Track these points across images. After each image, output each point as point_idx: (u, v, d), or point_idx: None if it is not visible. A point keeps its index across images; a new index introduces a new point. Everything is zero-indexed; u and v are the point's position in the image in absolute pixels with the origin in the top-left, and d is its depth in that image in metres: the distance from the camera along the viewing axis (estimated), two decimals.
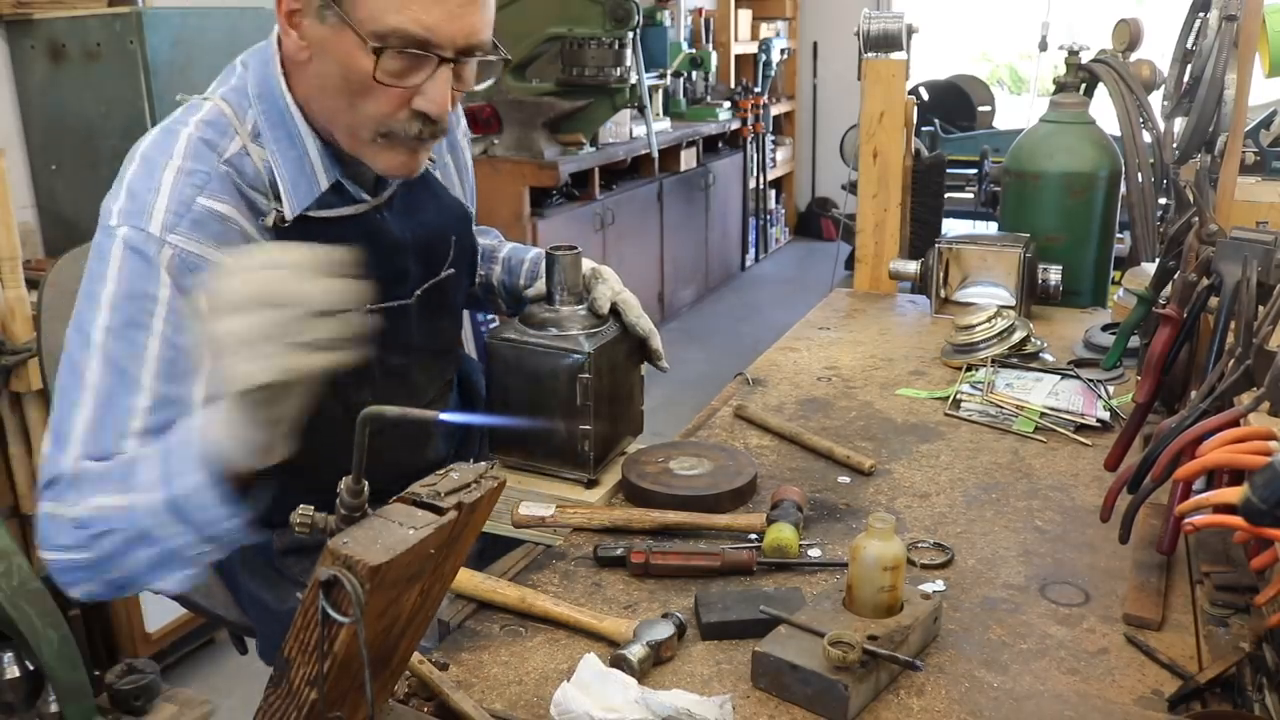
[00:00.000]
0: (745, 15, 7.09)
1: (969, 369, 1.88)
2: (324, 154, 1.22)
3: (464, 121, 1.62)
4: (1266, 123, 2.51)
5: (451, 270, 1.44)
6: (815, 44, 7.61)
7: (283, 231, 1.19)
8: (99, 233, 1.17)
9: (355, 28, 1.10)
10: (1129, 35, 2.36)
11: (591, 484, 1.42)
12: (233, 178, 1.17)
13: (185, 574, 1.08)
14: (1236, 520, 0.90)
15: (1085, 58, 2.37)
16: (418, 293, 1.38)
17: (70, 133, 2.74)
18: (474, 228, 1.61)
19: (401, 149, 1.19)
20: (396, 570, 0.74)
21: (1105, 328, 1.98)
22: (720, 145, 6.48)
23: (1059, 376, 1.81)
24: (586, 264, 1.45)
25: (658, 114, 5.53)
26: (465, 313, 1.73)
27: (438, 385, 1.52)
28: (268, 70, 1.21)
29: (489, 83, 1.23)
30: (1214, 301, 1.37)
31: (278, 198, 1.19)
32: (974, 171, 4.28)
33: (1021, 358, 1.89)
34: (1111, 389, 1.77)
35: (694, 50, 6.13)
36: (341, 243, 0.97)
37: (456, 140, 1.58)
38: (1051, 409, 1.68)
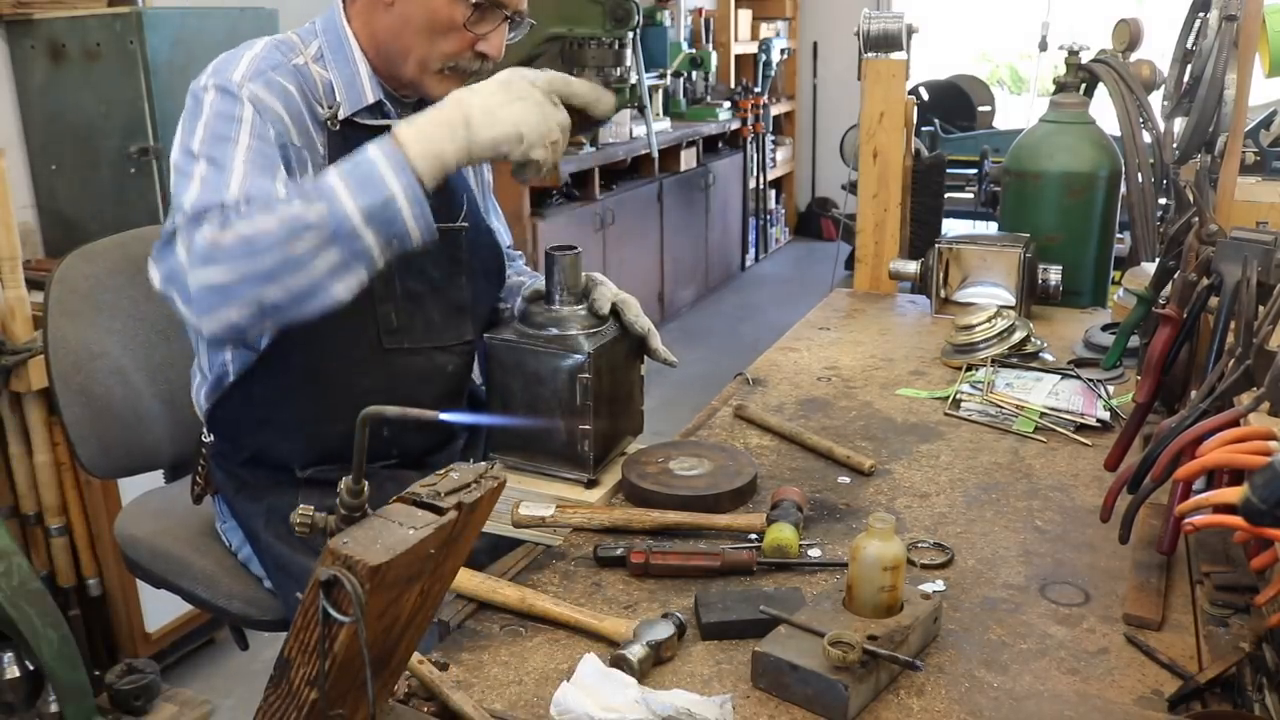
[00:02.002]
0: (745, 15, 7.09)
1: (969, 369, 1.88)
2: (372, 76, 1.46)
3: None
4: (1266, 123, 2.52)
5: (465, 225, 1.57)
6: (815, 44, 7.61)
7: (333, 133, 1.42)
8: (189, 99, 1.39)
9: None
10: (1129, 35, 2.36)
11: (591, 484, 1.42)
12: (297, 76, 1.42)
13: (359, 280, 1.23)
14: (1236, 520, 0.90)
15: (1085, 58, 2.37)
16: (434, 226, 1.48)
17: (70, 133, 2.74)
18: (496, 220, 1.76)
19: (455, 80, 1.44)
20: (396, 570, 0.74)
21: (1105, 328, 1.99)
22: (720, 145, 6.48)
23: (1059, 376, 1.81)
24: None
25: (658, 114, 5.53)
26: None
27: (452, 357, 1.57)
28: (333, 14, 1.48)
29: (520, 33, 1.56)
30: (1214, 301, 1.37)
31: (332, 106, 1.43)
32: (974, 171, 4.28)
33: (1021, 358, 1.89)
34: (1111, 389, 1.77)
35: (694, 50, 6.13)
36: None
37: None
38: (1051, 409, 1.68)
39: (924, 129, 5.29)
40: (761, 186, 7.06)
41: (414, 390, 1.53)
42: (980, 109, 6.09)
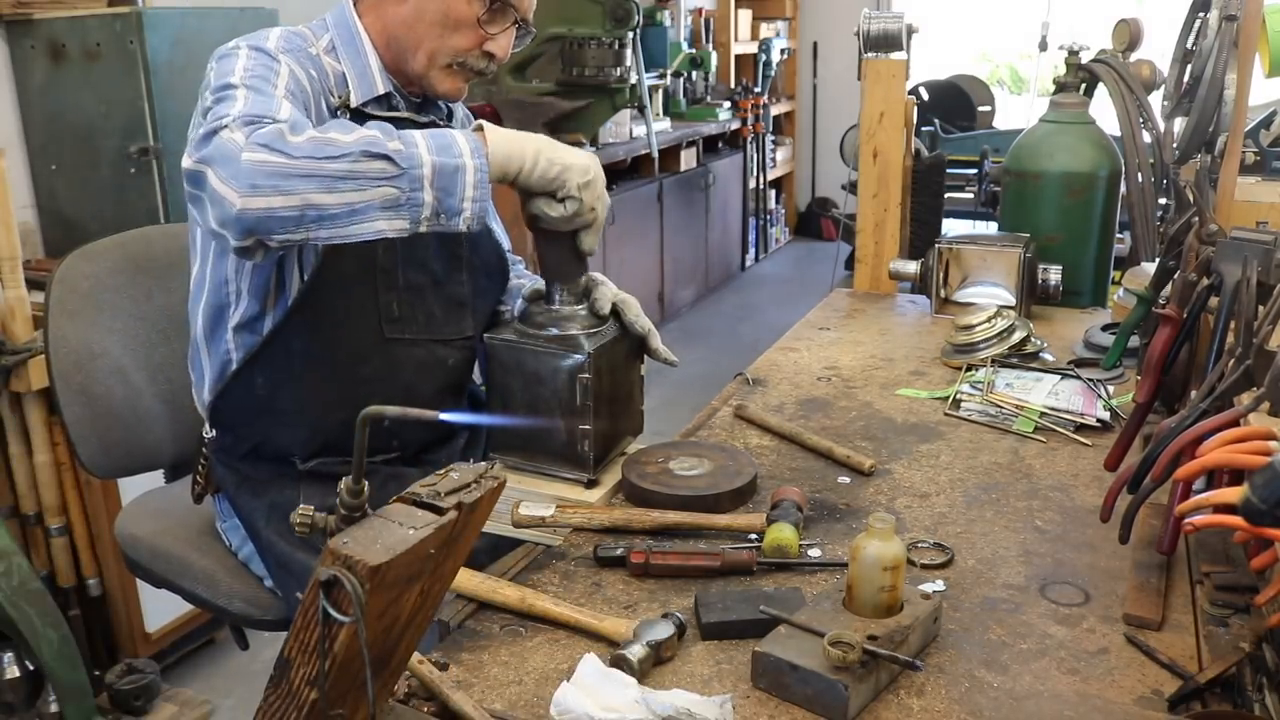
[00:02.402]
0: (745, 15, 7.09)
1: (969, 369, 1.88)
2: (382, 70, 1.49)
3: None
4: (1266, 123, 2.52)
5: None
6: (815, 44, 7.61)
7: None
8: (215, 60, 1.38)
9: None
10: (1129, 35, 2.36)
11: (591, 484, 1.42)
12: (313, 63, 1.45)
13: (401, 227, 1.23)
14: (1236, 520, 0.90)
15: (1085, 58, 2.37)
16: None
17: (70, 133, 2.74)
18: (494, 223, 1.74)
19: (462, 77, 1.51)
20: (396, 570, 0.74)
21: (1105, 328, 1.99)
22: (720, 145, 6.48)
23: (1059, 376, 1.81)
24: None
25: (658, 114, 5.52)
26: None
27: (452, 351, 1.58)
28: (343, 10, 1.51)
29: (527, 40, 1.57)
30: (1214, 301, 1.37)
31: (343, 96, 1.46)
32: (974, 171, 4.28)
33: (1021, 358, 1.89)
34: (1111, 389, 1.77)
35: (694, 50, 6.12)
36: None
37: None
38: (1051, 409, 1.68)
39: (924, 129, 5.29)
40: (761, 186, 7.06)
41: (414, 381, 1.54)
42: (980, 109, 6.09)
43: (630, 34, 4.27)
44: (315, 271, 1.43)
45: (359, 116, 1.45)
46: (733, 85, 6.78)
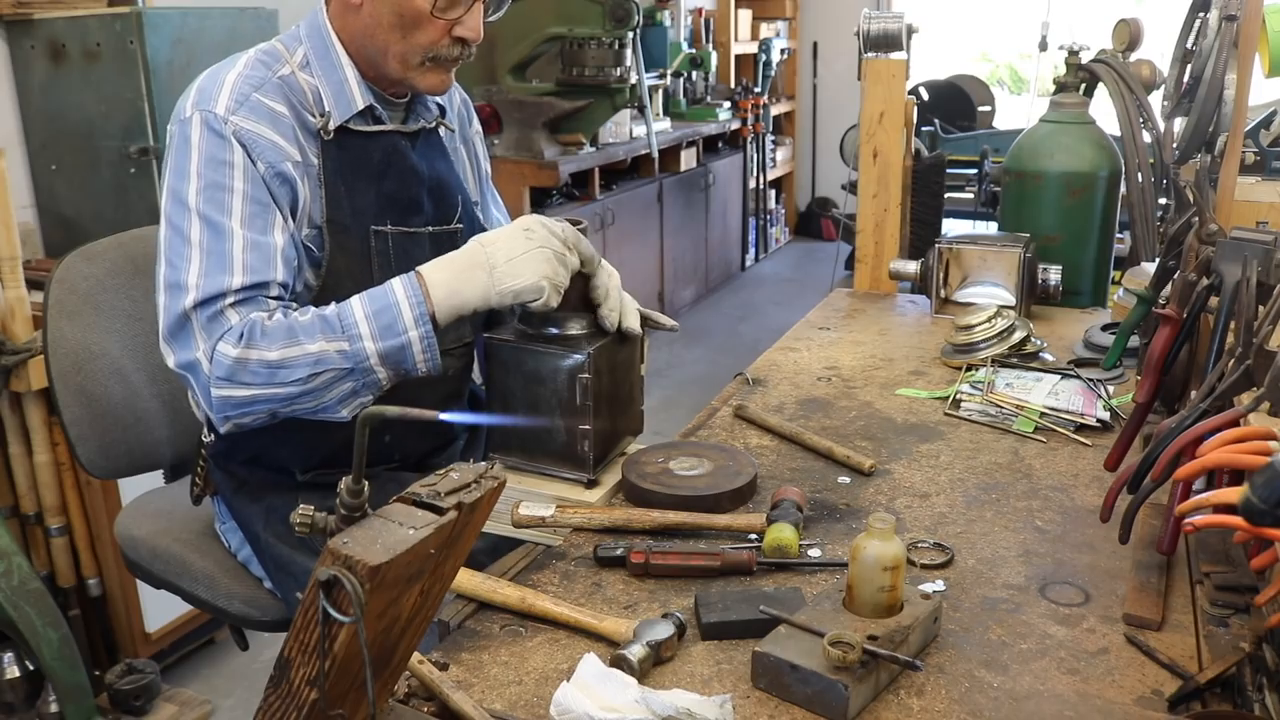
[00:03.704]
0: (745, 15, 7.09)
1: (969, 369, 1.88)
2: (360, 81, 1.46)
3: (476, 120, 1.70)
4: (1266, 123, 2.51)
5: (460, 225, 1.59)
6: (815, 44, 7.61)
7: (326, 142, 1.43)
8: (174, 125, 1.40)
9: None
10: (1129, 35, 2.36)
11: (591, 484, 1.42)
12: (284, 89, 1.42)
13: (365, 403, 1.35)
14: (1236, 520, 0.90)
15: (1085, 58, 2.37)
16: (430, 228, 1.53)
17: (70, 133, 2.74)
18: (496, 210, 1.79)
19: (441, 70, 1.46)
20: (396, 570, 0.74)
21: (1105, 328, 1.98)
22: (720, 145, 6.48)
23: (1059, 376, 1.81)
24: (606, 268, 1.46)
25: (658, 114, 5.52)
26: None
27: (452, 360, 1.58)
28: (316, 17, 1.48)
29: (501, 11, 1.53)
30: (1214, 301, 1.37)
31: (323, 115, 1.44)
32: (974, 171, 4.29)
33: (1021, 358, 1.89)
34: (1111, 389, 1.77)
35: (694, 50, 6.12)
36: (373, 155, 1.46)
37: (469, 134, 1.72)
38: (1051, 409, 1.68)
39: (924, 129, 5.29)
40: (761, 186, 7.06)
41: (414, 394, 1.51)
42: (980, 109, 6.09)
43: (630, 34, 4.27)
44: (312, 299, 1.42)
45: (343, 133, 1.44)
46: (733, 85, 6.78)
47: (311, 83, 1.44)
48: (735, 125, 6.46)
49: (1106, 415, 1.66)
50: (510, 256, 1.31)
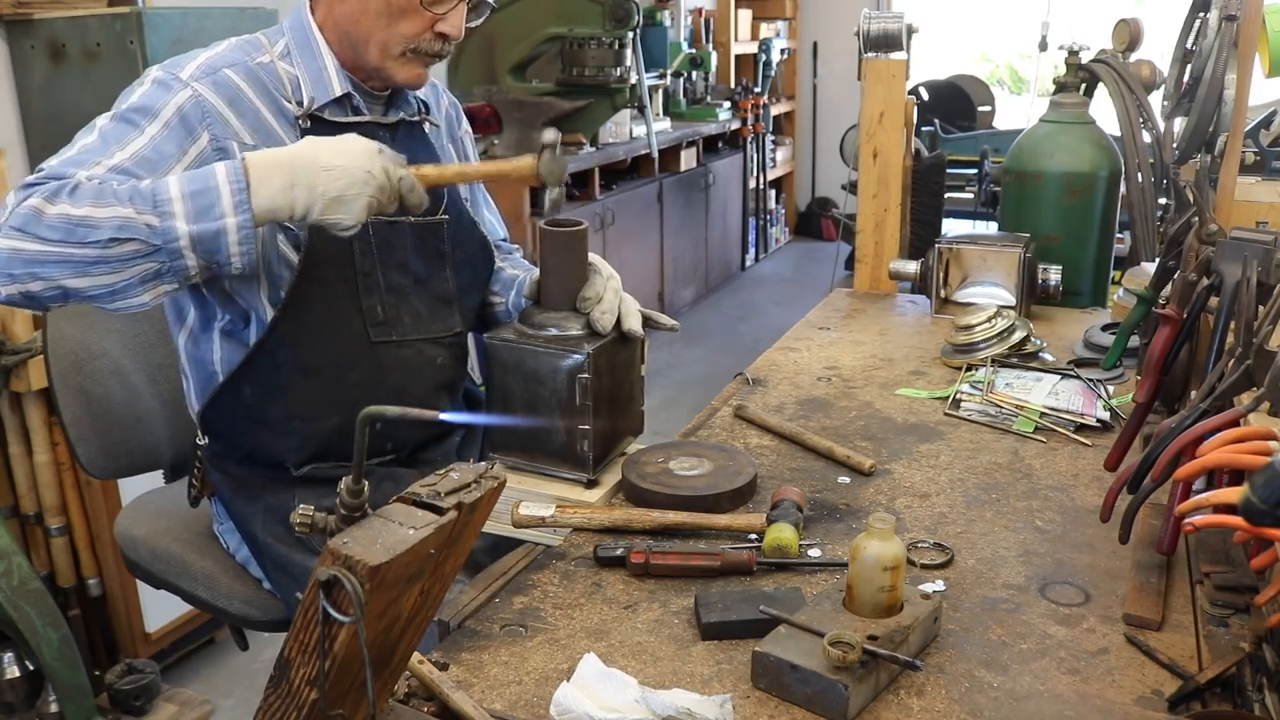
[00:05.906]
0: (745, 15, 7.09)
1: (969, 369, 1.88)
2: (339, 70, 1.48)
3: (465, 120, 1.71)
4: (1266, 123, 2.51)
5: (447, 217, 1.58)
6: (815, 44, 7.61)
7: (304, 130, 1.44)
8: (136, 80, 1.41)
9: None
10: (1129, 35, 2.36)
11: (591, 484, 1.42)
12: (259, 74, 1.45)
13: (168, 291, 1.27)
14: (1236, 520, 0.90)
15: (1085, 58, 2.37)
16: (410, 219, 1.52)
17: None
18: (487, 211, 1.77)
19: (419, 63, 1.48)
20: (396, 570, 0.74)
21: (1105, 328, 1.99)
22: (720, 145, 6.48)
23: (1059, 376, 1.81)
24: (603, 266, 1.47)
25: (658, 114, 5.53)
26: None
27: (441, 350, 1.58)
28: (299, 12, 1.51)
29: (480, 20, 1.57)
30: (1214, 301, 1.37)
31: (301, 104, 1.46)
32: (974, 171, 4.29)
33: (1021, 358, 1.89)
34: (1111, 389, 1.77)
35: (694, 50, 6.12)
36: None
37: (458, 134, 1.72)
38: (1051, 409, 1.68)
39: (924, 129, 5.29)
40: (761, 186, 7.06)
41: (404, 383, 1.53)
42: (980, 109, 6.09)
43: (630, 34, 4.27)
44: (294, 283, 1.42)
45: (318, 122, 1.45)
46: (733, 85, 6.78)
47: (291, 72, 1.47)
48: (735, 125, 6.46)
49: (1106, 415, 1.66)
50: (320, 173, 1.26)
